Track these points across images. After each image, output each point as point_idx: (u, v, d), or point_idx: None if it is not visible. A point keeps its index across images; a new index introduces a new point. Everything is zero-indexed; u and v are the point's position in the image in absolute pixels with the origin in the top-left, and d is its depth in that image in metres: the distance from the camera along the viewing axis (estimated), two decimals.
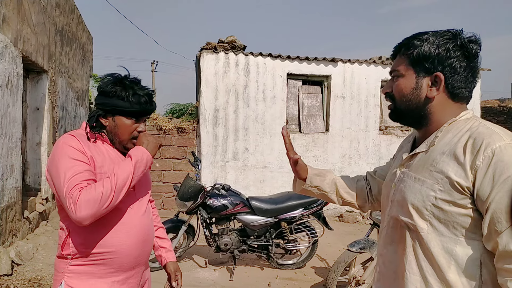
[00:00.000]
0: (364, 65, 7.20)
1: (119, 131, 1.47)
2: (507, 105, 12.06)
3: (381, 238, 1.25)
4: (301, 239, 4.33)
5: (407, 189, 1.11)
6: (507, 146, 0.96)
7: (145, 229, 1.51)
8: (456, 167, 1.01)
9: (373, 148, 7.35)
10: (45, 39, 5.83)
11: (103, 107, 1.45)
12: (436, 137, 1.10)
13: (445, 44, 1.07)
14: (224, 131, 6.68)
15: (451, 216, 1.02)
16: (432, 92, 1.10)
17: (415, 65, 1.11)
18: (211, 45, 6.72)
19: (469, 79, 1.10)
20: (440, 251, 1.03)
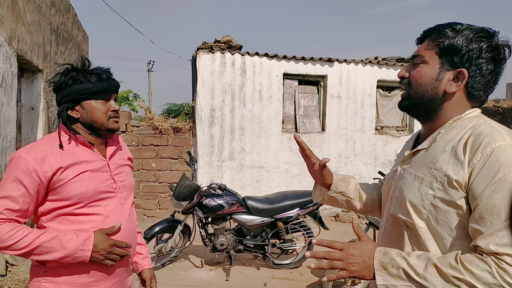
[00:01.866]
0: (360, 65, 7.22)
1: (94, 116, 1.40)
2: (502, 106, 12.09)
3: (379, 235, 1.24)
4: (297, 239, 4.33)
5: (406, 186, 1.09)
6: (507, 147, 0.94)
7: (128, 235, 1.45)
8: (456, 165, 0.99)
9: (369, 148, 7.37)
10: (40, 38, 5.80)
11: (66, 100, 1.38)
12: (439, 133, 1.08)
13: (479, 42, 1.03)
14: (220, 131, 6.67)
15: (448, 216, 1.00)
16: (451, 87, 1.06)
17: (443, 55, 1.06)
18: (208, 45, 6.71)
19: (490, 83, 1.07)
20: (437, 250, 1.02)
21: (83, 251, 1.29)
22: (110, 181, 1.44)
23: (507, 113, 11.61)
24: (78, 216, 1.35)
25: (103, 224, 1.38)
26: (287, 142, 6.96)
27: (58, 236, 1.29)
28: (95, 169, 1.40)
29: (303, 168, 7.04)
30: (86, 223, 1.35)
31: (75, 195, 1.33)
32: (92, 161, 1.40)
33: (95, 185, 1.37)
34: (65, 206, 1.33)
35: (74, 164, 1.35)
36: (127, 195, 1.51)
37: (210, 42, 6.75)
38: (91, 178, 1.37)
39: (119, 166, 1.51)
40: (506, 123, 11.65)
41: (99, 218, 1.37)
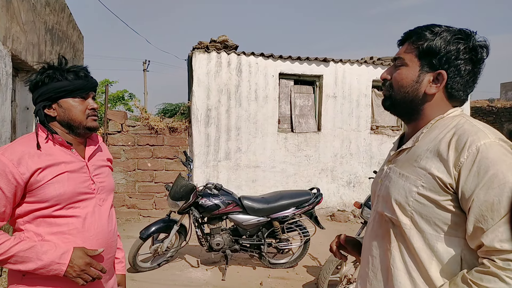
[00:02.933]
0: (356, 65, 7.25)
1: (71, 114, 1.37)
2: (496, 105, 12.21)
3: (367, 232, 1.26)
4: (293, 238, 4.34)
5: (391, 184, 1.12)
6: (492, 144, 0.97)
7: (107, 237, 1.42)
8: (439, 164, 1.01)
9: (365, 147, 7.40)
10: (35, 37, 5.77)
11: (43, 98, 1.34)
12: (422, 133, 1.10)
13: (456, 44, 1.06)
14: (216, 130, 6.67)
15: (432, 212, 1.02)
16: (431, 88, 1.09)
17: (422, 57, 1.09)
18: (203, 45, 6.70)
19: (469, 83, 1.10)
20: (422, 246, 1.04)
21: (59, 264, 1.26)
22: (88, 182, 1.41)
23: (501, 112, 11.73)
24: (56, 219, 1.32)
25: (82, 226, 1.35)
26: (283, 142, 6.97)
27: (35, 246, 1.26)
28: (74, 170, 1.37)
29: (299, 168, 7.07)
30: (65, 225, 1.33)
31: (53, 196, 1.30)
32: (71, 162, 1.37)
33: (73, 186, 1.34)
34: (42, 208, 1.30)
35: (52, 165, 1.32)
36: (106, 196, 1.48)
37: (206, 42, 6.75)
38: (69, 179, 1.34)
39: (98, 167, 1.48)
40: (500, 122, 11.74)
41: (77, 220, 1.34)
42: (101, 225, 1.41)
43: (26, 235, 1.31)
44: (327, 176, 7.23)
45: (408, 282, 1.06)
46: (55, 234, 1.31)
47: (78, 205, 1.36)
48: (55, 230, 1.31)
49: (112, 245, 1.47)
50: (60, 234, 1.31)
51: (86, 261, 1.29)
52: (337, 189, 7.29)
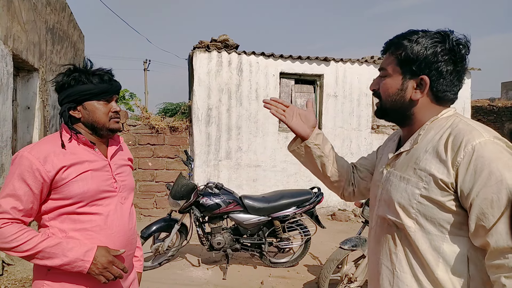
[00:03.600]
0: (356, 64, 7.25)
1: (95, 116, 1.42)
2: (497, 105, 12.20)
3: (370, 237, 1.26)
4: (294, 238, 4.34)
5: (393, 188, 1.12)
6: (487, 142, 0.98)
7: (128, 234, 1.48)
8: (439, 164, 1.02)
9: (365, 146, 7.40)
10: (36, 37, 5.77)
11: (68, 100, 1.39)
12: (419, 135, 1.11)
13: (433, 47, 1.07)
14: (217, 130, 6.67)
15: (436, 213, 1.03)
16: (416, 94, 1.11)
17: (402, 66, 1.11)
18: (204, 44, 6.71)
19: (454, 82, 1.10)
20: (428, 248, 1.04)
21: (83, 261, 1.30)
22: (111, 180, 1.45)
23: (501, 112, 11.72)
24: (80, 215, 1.36)
25: (105, 223, 1.39)
26: (284, 141, 6.97)
27: (61, 243, 1.30)
28: (97, 168, 1.41)
29: (300, 167, 7.06)
30: (88, 222, 1.37)
31: (76, 194, 1.34)
32: (94, 161, 1.41)
33: (96, 184, 1.38)
34: (67, 205, 1.35)
35: (76, 164, 1.36)
36: (127, 195, 1.52)
37: (206, 41, 6.75)
38: (93, 177, 1.38)
39: (120, 166, 1.53)
40: (501, 122, 11.74)
41: (100, 218, 1.39)
42: (123, 223, 1.45)
43: (51, 231, 1.35)
44: None
45: (415, 284, 1.06)
46: (79, 230, 1.36)
47: (101, 202, 1.40)
48: (79, 226, 1.36)
49: (132, 242, 1.51)
50: (83, 231, 1.36)
51: (109, 260, 1.33)
52: None
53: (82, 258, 1.30)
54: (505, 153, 0.98)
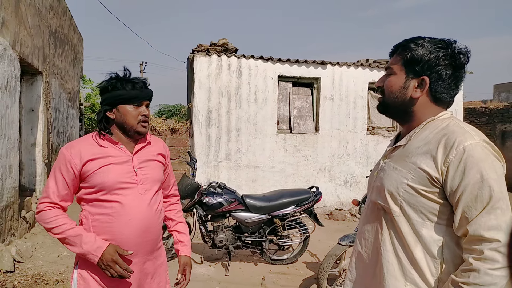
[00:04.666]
0: (352, 68, 7.44)
1: (126, 118, 1.62)
2: (489, 106, 12.43)
3: (361, 218, 1.42)
4: (293, 235, 4.50)
5: (385, 176, 1.27)
6: (477, 145, 1.11)
7: (147, 221, 1.62)
8: (429, 160, 1.16)
9: (361, 148, 7.59)
10: (40, 41, 5.90)
11: (107, 102, 1.63)
12: (415, 133, 1.25)
13: (436, 52, 1.20)
14: (217, 131, 6.83)
15: (419, 202, 1.17)
16: (416, 93, 1.24)
17: (407, 66, 1.24)
18: (203, 48, 6.86)
19: (452, 86, 1.23)
20: (409, 231, 1.19)
21: (93, 255, 1.52)
22: (132, 173, 1.63)
23: (493, 113, 11.95)
24: (103, 202, 1.59)
25: (123, 210, 1.59)
26: (282, 142, 7.14)
27: (81, 235, 1.54)
28: (119, 162, 1.62)
29: (297, 168, 7.24)
30: (109, 208, 1.59)
31: (98, 183, 1.57)
32: (118, 156, 1.63)
33: (115, 176, 1.59)
34: (92, 192, 1.59)
35: (100, 158, 1.59)
36: (150, 187, 1.68)
37: (206, 45, 6.91)
38: (113, 170, 1.59)
39: (144, 161, 1.69)
40: (493, 123, 11.98)
41: (119, 205, 1.59)
42: (140, 211, 1.62)
43: (84, 214, 1.62)
44: (325, 176, 7.41)
45: (396, 261, 1.22)
46: (102, 214, 1.59)
47: (120, 192, 1.60)
48: (102, 211, 1.59)
49: (152, 230, 1.66)
50: (105, 215, 1.59)
51: (113, 259, 1.53)
52: (335, 188, 7.47)
53: (93, 252, 1.52)
54: (491, 156, 1.12)
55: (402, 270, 1.21)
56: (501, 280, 1.06)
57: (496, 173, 1.10)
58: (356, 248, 1.41)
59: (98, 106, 17.35)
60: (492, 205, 1.08)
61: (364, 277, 1.35)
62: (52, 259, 4.26)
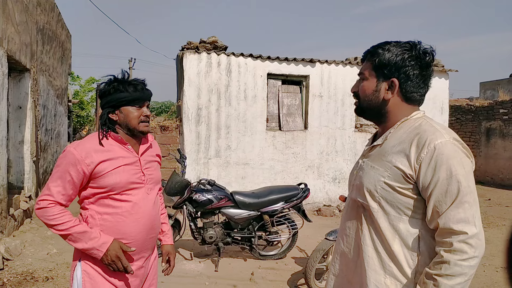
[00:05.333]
0: (341, 66, 7.53)
1: (128, 119, 1.67)
2: (475, 104, 12.66)
3: (342, 215, 1.49)
4: (282, 231, 4.57)
5: (364, 175, 1.33)
6: (447, 143, 1.19)
7: (152, 219, 1.74)
8: (403, 158, 1.23)
9: (349, 145, 7.69)
10: (28, 38, 5.85)
11: (109, 105, 1.66)
12: (390, 132, 1.32)
13: (402, 54, 1.28)
14: (206, 129, 6.86)
15: (396, 198, 1.24)
16: (388, 94, 1.31)
17: (377, 70, 1.32)
18: (193, 45, 6.87)
19: (421, 85, 1.31)
20: (387, 226, 1.26)
21: (98, 250, 1.57)
22: (139, 174, 1.70)
23: (479, 111, 12.18)
24: (112, 201, 1.63)
25: (132, 209, 1.65)
26: (271, 140, 7.21)
27: (87, 232, 1.58)
28: (128, 163, 1.67)
29: (286, 165, 7.31)
30: (119, 208, 1.64)
31: (110, 184, 1.61)
32: (126, 157, 1.67)
33: (126, 177, 1.64)
34: (102, 192, 1.62)
35: (112, 159, 1.63)
36: (153, 187, 1.77)
37: (195, 42, 6.92)
38: (124, 171, 1.64)
39: (148, 161, 1.77)
40: (478, 120, 12.21)
41: (129, 204, 1.65)
42: (147, 210, 1.71)
43: (90, 213, 1.64)
44: (314, 173, 7.50)
45: (375, 255, 1.28)
46: (111, 214, 1.63)
47: (130, 192, 1.66)
48: (111, 211, 1.63)
49: (155, 227, 1.78)
50: (115, 215, 1.64)
51: (116, 255, 1.59)
52: (323, 185, 7.57)
53: (98, 248, 1.57)
54: (460, 153, 1.19)
55: (381, 263, 1.27)
56: (469, 269, 1.13)
57: (464, 169, 1.17)
58: (338, 244, 1.47)
59: (86, 103, 17.21)
60: (460, 199, 1.15)
61: (346, 271, 1.41)
62: (41, 257, 4.27)
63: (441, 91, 8.12)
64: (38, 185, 6.56)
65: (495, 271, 4.36)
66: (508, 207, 8.29)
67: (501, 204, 8.62)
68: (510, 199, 9.24)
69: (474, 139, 12.39)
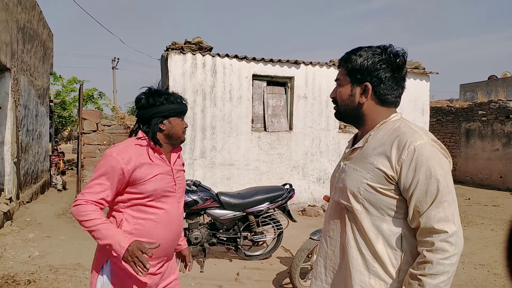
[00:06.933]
0: (325, 68, 7.62)
1: (176, 130, 1.79)
2: (455, 105, 12.95)
3: (326, 217, 1.51)
4: (267, 231, 4.60)
5: (347, 177, 1.35)
6: (426, 144, 1.22)
7: (179, 226, 1.86)
8: (384, 160, 1.25)
9: (334, 145, 7.79)
10: (8, 36, 5.74)
11: (160, 114, 1.74)
12: (370, 135, 1.35)
13: (373, 58, 1.31)
14: (192, 130, 6.84)
15: (379, 199, 1.27)
16: (362, 98, 1.35)
17: (351, 76, 1.35)
18: (178, 45, 6.84)
19: (394, 87, 1.33)
20: (371, 227, 1.28)
21: (120, 247, 1.59)
22: (172, 183, 1.80)
23: (459, 112, 12.48)
24: (148, 208, 1.72)
25: (165, 216, 1.76)
26: (256, 140, 7.24)
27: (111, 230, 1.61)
28: (164, 172, 1.76)
29: (271, 166, 7.36)
30: (153, 214, 1.73)
31: (149, 191, 1.70)
32: (162, 166, 1.77)
33: (163, 185, 1.74)
34: (139, 198, 1.71)
35: (151, 167, 1.71)
36: (181, 195, 1.88)
37: (180, 43, 6.90)
38: (161, 179, 1.74)
39: (178, 171, 1.88)
40: (458, 122, 12.51)
41: (162, 212, 1.75)
42: (176, 217, 1.82)
43: (124, 216, 1.72)
44: (299, 173, 7.57)
45: (359, 257, 1.31)
46: (145, 219, 1.72)
47: (164, 200, 1.76)
48: (145, 216, 1.72)
49: (179, 233, 1.90)
50: (149, 220, 1.73)
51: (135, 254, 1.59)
52: (308, 185, 7.64)
53: (120, 245, 1.59)
54: (439, 153, 1.23)
55: (365, 264, 1.29)
56: (451, 267, 1.17)
57: (443, 169, 1.21)
58: (322, 246, 1.49)
59: (68, 103, 16.89)
60: (439, 199, 1.19)
61: (330, 273, 1.43)
62: (22, 260, 4.19)
63: (422, 93, 8.30)
64: (19, 187, 6.42)
65: (474, 268, 4.49)
66: (486, 206, 8.53)
67: (480, 203, 8.86)
68: (488, 198, 9.50)
69: (454, 139, 12.69)
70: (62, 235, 5.25)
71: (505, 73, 18.05)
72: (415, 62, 8.31)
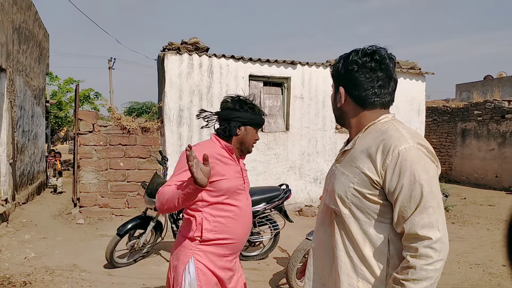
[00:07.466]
0: (321, 68, 7.63)
1: (248, 138, 1.92)
2: (451, 105, 13.01)
3: (317, 220, 1.51)
4: (264, 232, 4.60)
5: (336, 181, 1.36)
6: (411, 148, 1.20)
7: (250, 222, 1.96)
8: (370, 164, 1.25)
9: (330, 146, 7.81)
10: (3, 37, 5.71)
11: (241, 120, 1.88)
12: (358, 137, 1.34)
13: (344, 63, 1.34)
14: (188, 130, 6.84)
15: (365, 204, 1.27)
16: (339, 102, 1.38)
17: (334, 81, 1.43)
18: (174, 46, 6.84)
19: (375, 88, 1.30)
20: (358, 231, 1.28)
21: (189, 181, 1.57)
22: (242, 181, 1.92)
23: (455, 112, 12.54)
24: (224, 205, 1.83)
25: (240, 212, 1.86)
26: None
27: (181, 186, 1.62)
28: (236, 171, 1.89)
29: (268, 166, 7.37)
30: (230, 211, 1.84)
31: (224, 188, 1.81)
32: (235, 165, 1.90)
33: (236, 183, 1.86)
34: (216, 196, 1.82)
35: (226, 166, 1.84)
36: (248, 193, 1.99)
37: (177, 43, 6.89)
38: (234, 178, 1.86)
39: (245, 170, 2.02)
40: (454, 122, 12.58)
41: (236, 209, 1.86)
42: (248, 214, 1.94)
43: (204, 216, 1.82)
44: (295, 174, 7.58)
45: (348, 260, 1.31)
46: (224, 217, 1.83)
47: (237, 197, 1.88)
48: (223, 214, 1.83)
49: (250, 229, 2.01)
50: (226, 218, 1.83)
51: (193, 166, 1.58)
52: (305, 185, 7.65)
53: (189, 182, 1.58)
54: (424, 157, 1.21)
55: (354, 267, 1.30)
56: (435, 273, 1.17)
57: (428, 174, 1.20)
58: (313, 248, 1.50)
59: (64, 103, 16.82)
60: (423, 205, 1.18)
61: (322, 275, 1.44)
62: (18, 261, 4.18)
63: (418, 93, 8.33)
64: (15, 188, 6.40)
65: (469, 267, 4.52)
66: (482, 206, 8.58)
67: (475, 203, 8.91)
68: (484, 197, 9.56)
69: (450, 139, 12.75)
70: (58, 236, 5.24)
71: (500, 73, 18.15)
72: (411, 63, 8.34)
